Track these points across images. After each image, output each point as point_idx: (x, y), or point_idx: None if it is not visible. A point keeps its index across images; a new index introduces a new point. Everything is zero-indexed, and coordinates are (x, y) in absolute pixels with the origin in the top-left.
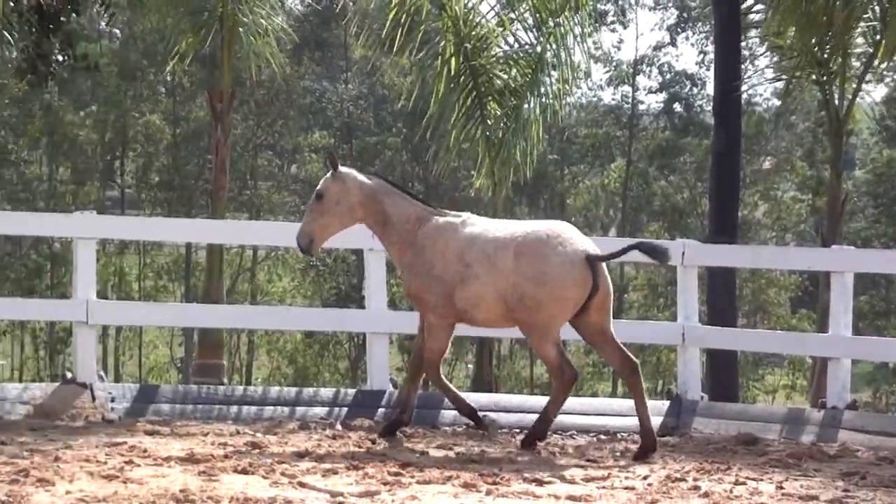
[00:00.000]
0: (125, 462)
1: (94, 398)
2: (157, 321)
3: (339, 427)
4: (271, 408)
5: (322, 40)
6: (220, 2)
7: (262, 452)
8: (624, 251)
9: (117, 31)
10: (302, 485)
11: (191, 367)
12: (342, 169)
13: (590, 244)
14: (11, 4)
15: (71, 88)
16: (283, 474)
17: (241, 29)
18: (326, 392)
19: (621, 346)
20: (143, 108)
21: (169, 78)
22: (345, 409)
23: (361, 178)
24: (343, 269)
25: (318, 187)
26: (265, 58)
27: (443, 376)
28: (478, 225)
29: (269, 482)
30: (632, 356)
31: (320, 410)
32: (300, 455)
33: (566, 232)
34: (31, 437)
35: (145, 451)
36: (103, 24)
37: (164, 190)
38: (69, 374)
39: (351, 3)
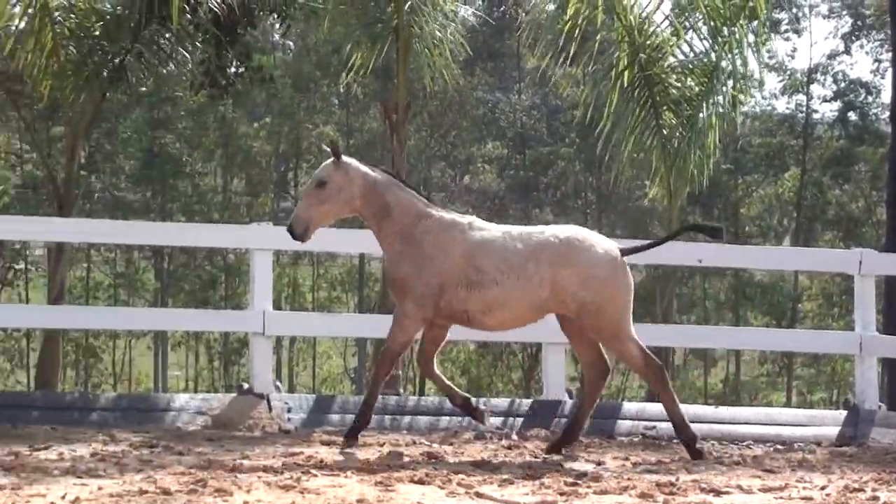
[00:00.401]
0: (302, 472)
1: (270, 409)
2: (333, 332)
3: (514, 437)
4: (446, 418)
5: (495, 51)
6: (395, 13)
7: (438, 462)
8: (654, 244)
9: (290, 43)
10: (478, 495)
11: (364, 378)
12: (345, 158)
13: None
14: (188, 17)
15: (245, 100)
16: (459, 484)
17: (415, 40)
18: (501, 402)
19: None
20: (317, 119)
21: (342, 89)
22: (520, 420)
23: (364, 168)
24: None
25: (320, 174)
26: (439, 69)
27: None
28: (487, 230)
29: (445, 492)
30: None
31: (495, 420)
32: (476, 465)
33: (589, 233)
34: (209, 447)
35: (322, 461)
36: (276, 36)
37: None
38: (246, 385)
39: (524, 14)
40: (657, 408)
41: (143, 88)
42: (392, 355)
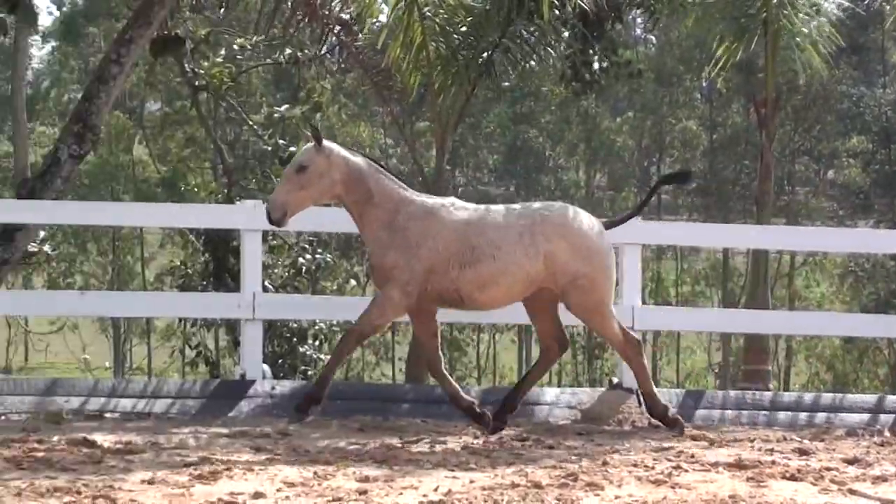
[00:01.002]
0: (673, 467)
1: (640, 403)
2: (701, 326)
3: (887, 433)
4: (814, 414)
5: (858, 45)
6: (763, 7)
7: (809, 459)
8: (632, 214)
9: (653, 38)
10: (852, 492)
11: (730, 373)
12: (326, 143)
13: None
14: (556, 12)
15: (608, 95)
16: (832, 481)
17: (783, 34)
18: (869, 398)
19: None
20: (680, 114)
21: (704, 84)
22: (889, 416)
23: (346, 153)
24: (882, 274)
25: (301, 158)
26: (807, 63)
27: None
28: (471, 209)
29: (818, 489)
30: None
31: (864, 417)
32: (848, 462)
33: (575, 208)
34: (579, 441)
35: (692, 456)
36: (638, 30)
37: (701, 195)
38: (615, 380)
39: (887, 7)
40: None
41: (507, 83)
42: (360, 336)
